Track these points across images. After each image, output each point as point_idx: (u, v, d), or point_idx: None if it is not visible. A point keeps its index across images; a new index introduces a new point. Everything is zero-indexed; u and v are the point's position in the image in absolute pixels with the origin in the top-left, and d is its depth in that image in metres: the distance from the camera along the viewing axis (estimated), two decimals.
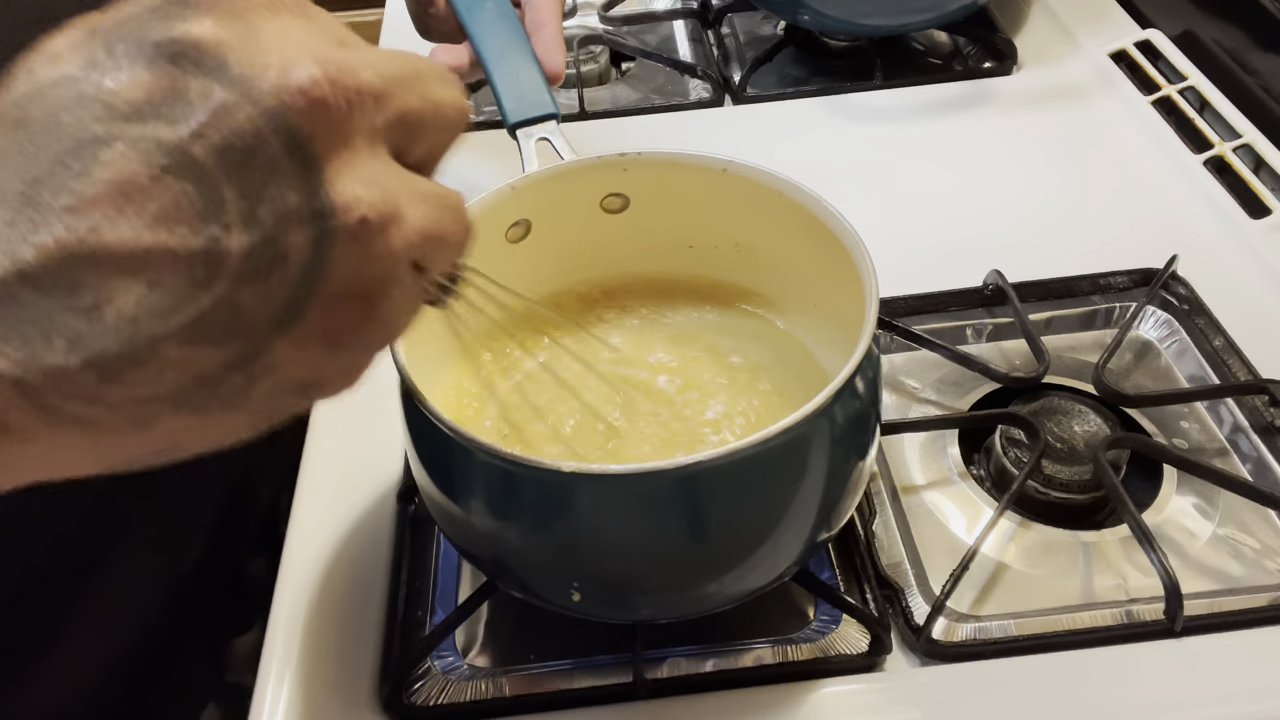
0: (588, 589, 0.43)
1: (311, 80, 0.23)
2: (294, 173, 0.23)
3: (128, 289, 0.22)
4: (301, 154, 0.23)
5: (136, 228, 0.22)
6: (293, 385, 0.26)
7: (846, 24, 0.84)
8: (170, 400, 0.24)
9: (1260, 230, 0.68)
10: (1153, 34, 0.84)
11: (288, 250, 0.24)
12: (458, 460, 0.41)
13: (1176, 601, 0.47)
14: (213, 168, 0.23)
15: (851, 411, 0.41)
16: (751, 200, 0.50)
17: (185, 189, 0.23)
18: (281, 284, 0.24)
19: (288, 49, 0.24)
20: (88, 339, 0.23)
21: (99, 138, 0.22)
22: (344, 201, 0.24)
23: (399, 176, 0.26)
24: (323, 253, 0.24)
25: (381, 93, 0.25)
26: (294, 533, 0.55)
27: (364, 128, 0.25)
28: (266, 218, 0.23)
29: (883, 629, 0.48)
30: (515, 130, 0.55)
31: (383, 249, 0.25)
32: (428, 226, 0.26)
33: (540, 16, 0.59)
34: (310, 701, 0.48)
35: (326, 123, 0.24)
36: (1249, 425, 0.57)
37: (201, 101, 0.23)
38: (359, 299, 0.25)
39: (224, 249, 0.23)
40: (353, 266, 0.25)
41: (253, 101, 0.23)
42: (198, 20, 0.23)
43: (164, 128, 0.23)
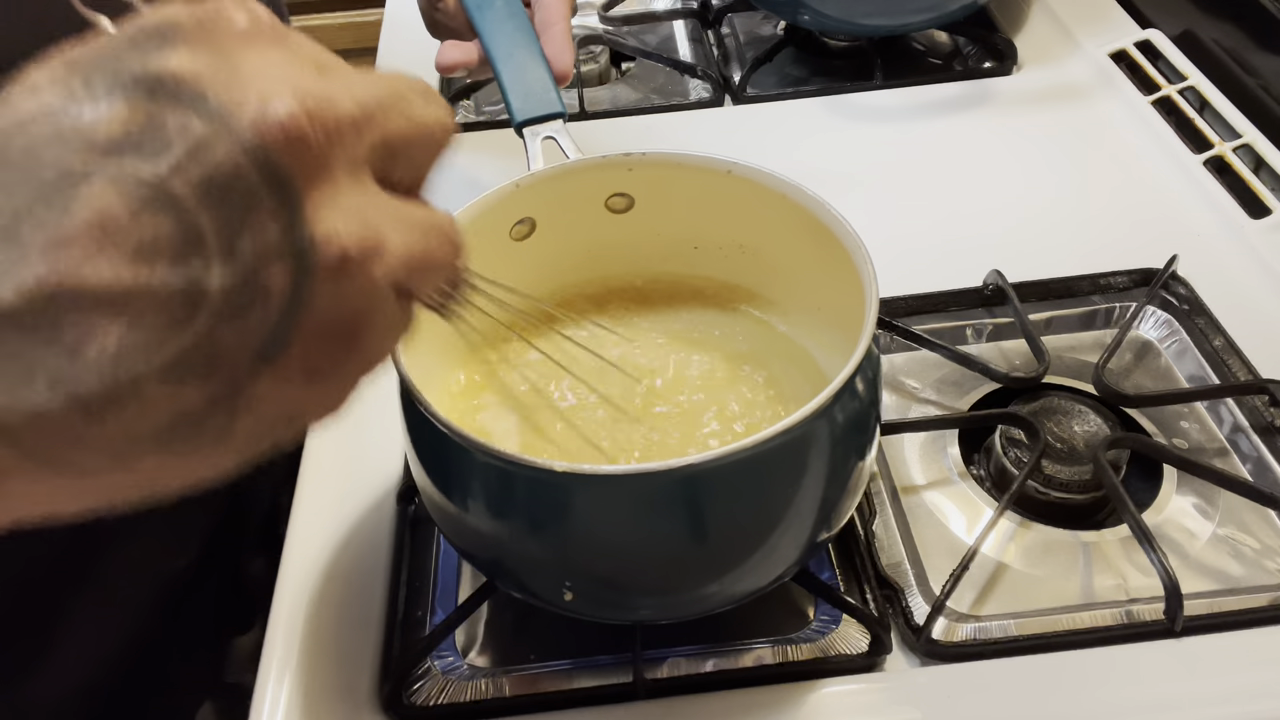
0: (581, 588, 0.43)
1: (290, 114, 0.23)
2: (273, 207, 0.23)
3: (109, 327, 0.22)
4: (281, 188, 0.23)
5: (116, 265, 0.22)
6: (277, 418, 0.26)
7: (846, 24, 0.84)
8: (153, 439, 0.24)
9: (1260, 230, 0.68)
10: (1153, 34, 0.84)
11: (268, 286, 0.23)
12: (455, 459, 0.41)
13: (1176, 601, 0.47)
14: (192, 203, 0.22)
15: (851, 412, 0.41)
16: (755, 202, 0.50)
17: (164, 225, 0.22)
18: (262, 320, 0.23)
19: (266, 81, 0.23)
20: (69, 378, 0.22)
21: (78, 173, 0.22)
22: (324, 236, 0.24)
23: (382, 205, 0.26)
24: (303, 288, 0.24)
25: (362, 121, 0.25)
26: (294, 533, 0.55)
27: (345, 158, 0.25)
28: (246, 253, 0.23)
29: (883, 629, 0.48)
30: (521, 128, 0.55)
31: (364, 281, 0.25)
32: (411, 254, 0.26)
33: (549, 16, 0.59)
34: (310, 701, 0.48)
35: (305, 156, 0.23)
36: (1249, 425, 0.57)
37: (180, 136, 0.22)
38: (341, 331, 0.25)
39: (204, 285, 0.23)
40: (334, 300, 0.24)
41: (231, 135, 0.23)
42: (175, 53, 0.23)
43: (142, 162, 0.22)
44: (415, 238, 0.26)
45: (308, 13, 1.45)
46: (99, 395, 0.22)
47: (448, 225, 0.28)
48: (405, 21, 0.93)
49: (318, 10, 1.46)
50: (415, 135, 0.27)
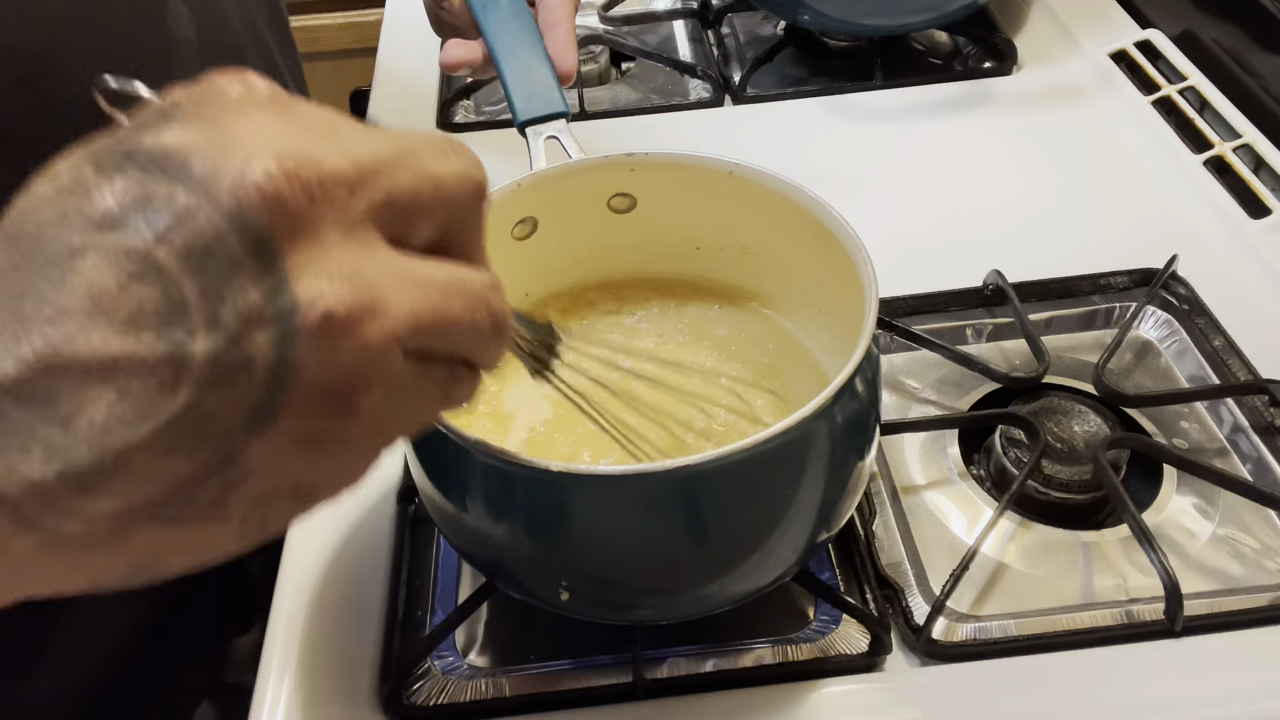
0: (578, 589, 0.43)
1: (266, 175, 0.23)
2: (254, 271, 0.23)
3: (99, 397, 0.22)
4: (261, 251, 0.23)
5: (106, 335, 0.22)
6: (278, 492, 0.25)
7: (846, 24, 0.84)
8: (145, 512, 0.24)
9: (1260, 230, 0.68)
10: (1153, 34, 0.84)
11: (252, 351, 0.23)
12: (453, 459, 0.41)
13: (1176, 601, 0.47)
14: (175, 271, 0.23)
15: (851, 412, 0.41)
16: (757, 202, 0.50)
17: (150, 294, 0.22)
18: (249, 386, 0.23)
19: (252, 146, 0.23)
20: (62, 450, 0.22)
21: (75, 248, 0.23)
22: (307, 297, 0.23)
23: (385, 264, 0.25)
24: (287, 352, 0.23)
25: (355, 179, 0.24)
26: (294, 533, 0.55)
27: (335, 218, 0.24)
28: (229, 319, 0.23)
29: (883, 629, 0.48)
30: (524, 128, 0.55)
31: (355, 344, 0.24)
32: (421, 315, 0.25)
33: (553, 16, 0.59)
34: (310, 701, 0.48)
35: (286, 217, 0.23)
36: (1249, 425, 0.57)
37: (165, 206, 0.23)
38: (334, 398, 0.24)
39: (188, 353, 0.23)
40: (323, 364, 0.24)
41: (212, 202, 0.23)
42: (170, 129, 0.24)
43: (131, 235, 0.23)
44: (426, 296, 0.25)
45: (308, 13, 1.45)
46: (90, 466, 0.23)
47: (478, 285, 0.27)
48: (405, 21, 0.93)
49: (318, 10, 1.46)
50: (430, 192, 0.26)
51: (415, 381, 0.26)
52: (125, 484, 0.23)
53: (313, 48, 1.43)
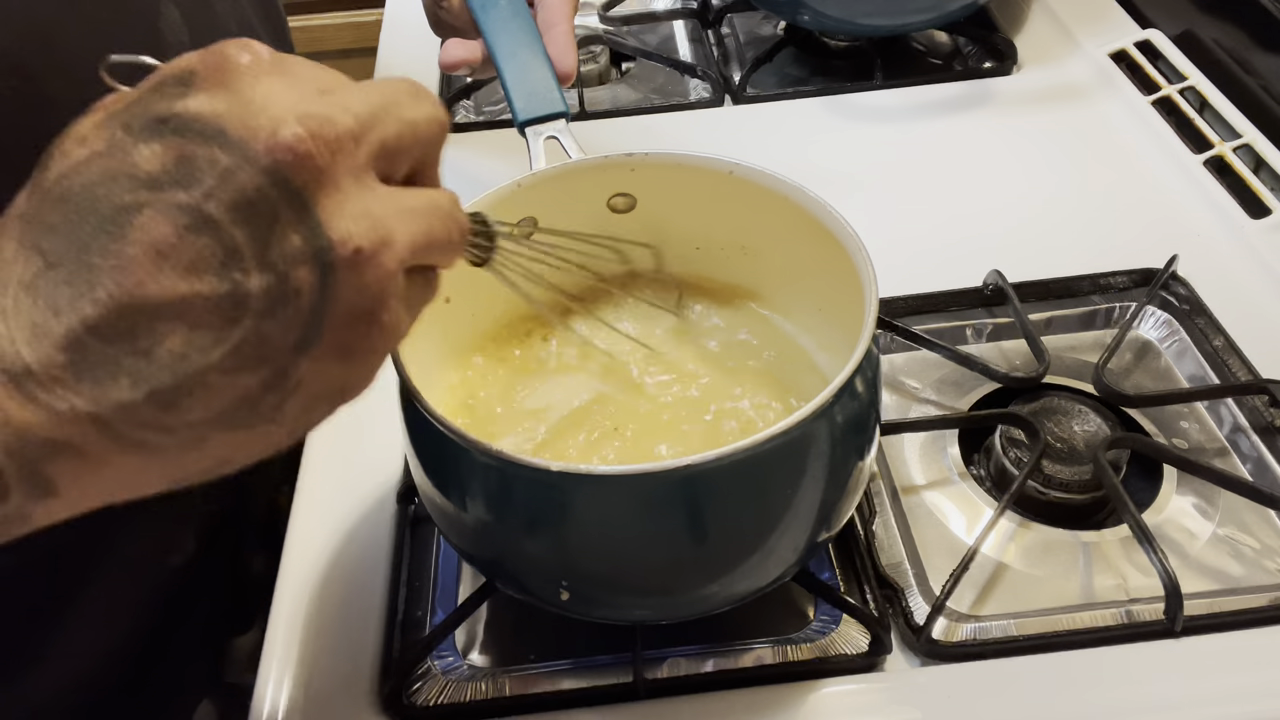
0: (578, 588, 0.43)
1: (296, 137, 0.27)
2: (293, 218, 0.27)
3: (174, 330, 0.26)
4: (297, 201, 0.27)
5: (172, 279, 0.26)
6: (320, 396, 0.30)
7: (846, 24, 0.84)
8: (219, 421, 0.28)
9: (1260, 230, 0.68)
10: (1153, 34, 0.84)
11: (298, 285, 0.27)
12: (453, 459, 0.41)
13: (1176, 601, 0.47)
14: (225, 222, 0.26)
15: (851, 412, 0.41)
16: (757, 202, 0.50)
17: (207, 242, 0.26)
18: (297, 314, 0.28)
19: (274, 109, 0.27)
20: (147, 375, 0.27)
21: (129, 205, 0.26)
22: (339, 237, 0.28)
23: (386, 200, 0.29)
24: (328, 283, 0.28)
25: (359, 132, 0.29)
26: (294, 532, 0.55)
27: (348, 166, 0.28)
28: (277, 260, 0.27)
29: (883, 629, 0.48)
30: (524, 128, 0.55)
31: (378, 270, 0.29)
32: (417, 239, 0.30)
33: (552, 16, 0.59)
34: (310, 701, 0.48)
35: (314, 171, 0.27)
36: (1249, 425, 0.57)
37: (209, 167, 0.26)
38: (364, 316, 0.29)
39: (246, 290, 0.27)
40: (354, 290, 0.28)
41: (251, 161, 0.27)
42: (194, 96, 0.27)
43: (181, 192, 0.26)
44: (419, 223, 0.30)
45: (308, 13, 1.45)
46: (171, 387, 0.27)
47: (448, 204, 0.32)
48: (405, 21, 0.93)
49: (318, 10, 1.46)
50: (409, 135, 0.31)
51: (412, 291, 0.31)
52: (202, 399, 0.27)
53: (313, 48, 1.43)
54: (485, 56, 0.60)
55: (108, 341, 0.26)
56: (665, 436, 0.48)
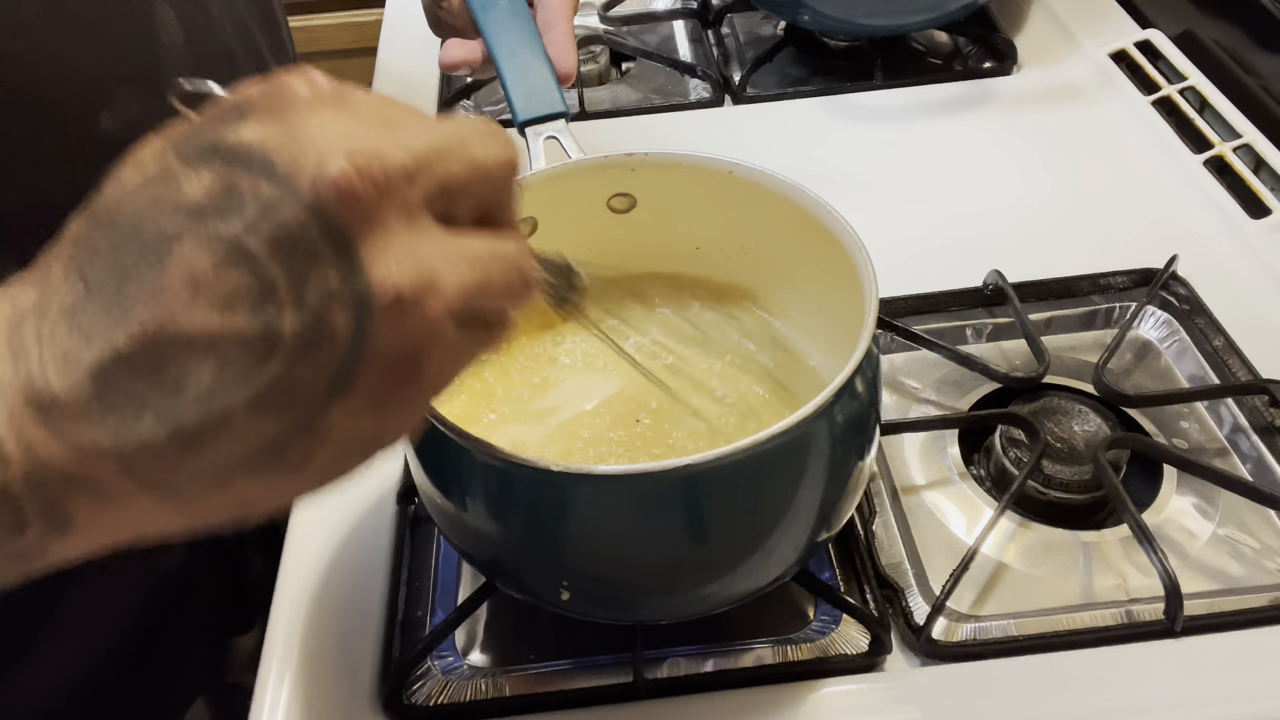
0: (578, 588, 0.43)
1: (341, 172, 0.26)
2: (333, 258, 0.26)
3: (202, 366, 0.25)
4: (339, 240, 0.26)
5: (206, 313, 0.25)
6: (352, 446, 0.29)
7: (846, 24, 0.84)
8: (242, 465, 0.27)
9: (1260, 230, 0.68)
10: (1153, 34, 0.84)
11: (334, 327, 0.26)
12: (453, 458, 0.41)
13: (1176, 601, 0.47)
14: (264, 257, 0.25)
15: (851, 412, 0.41)
16: (757, 202, 0.50)
17: (243, 277, 0.25)
18: (331, 357, 0.26)
19: (324, 143, 0.26)
20: (172, 412, 0.26)
21: (170, 235, 0.25)
22: (379, 280, 0.26)
23: (438, 244, 0.28)
24: (364, 328, 0.26)
25: (414, 170, 0.27)
26: (294, 533, 0.55)
27: (397, 206, 0.27)
28: (313, 299, 0.26)
29: (883, 629, 0.48)
30: (524, 128, 0.55)
31: (420, 318, 0.27)
32: (467, 287, 0.28)
33: (552, 16, 0.59)
34: (310, 701, 0.48)
35: (358, 209, 0.26)
36: (1249, 425, 0.57)
37: (252, 199, 0.25)
38: (403, 364, 0.28)
39: (279, 329, 0.26)
40: (394, 337, 0.27)
41: (294, 196, 0.25)
42: (248, 126, 0.26)
43: (222, 224, 0.25)
44: (471, 270, 0.29)
45: (308, 13, 1.44)
46: (196, 427, 0.26)
47: (512, 252, 0.30)
48: (405, 21, 0.93)
49: (318, 10, 1.46)
50: (475, 177, 0.29)
51: (462, 343, 0.29)
52: (227, 441, 0.26)
53: (313, 48, 1.43)
54: (485, 56, 0.60)
55: (136, 374, 0.26)
56: (666, 436, 0.48)
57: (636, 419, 0.49)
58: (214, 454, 0.26)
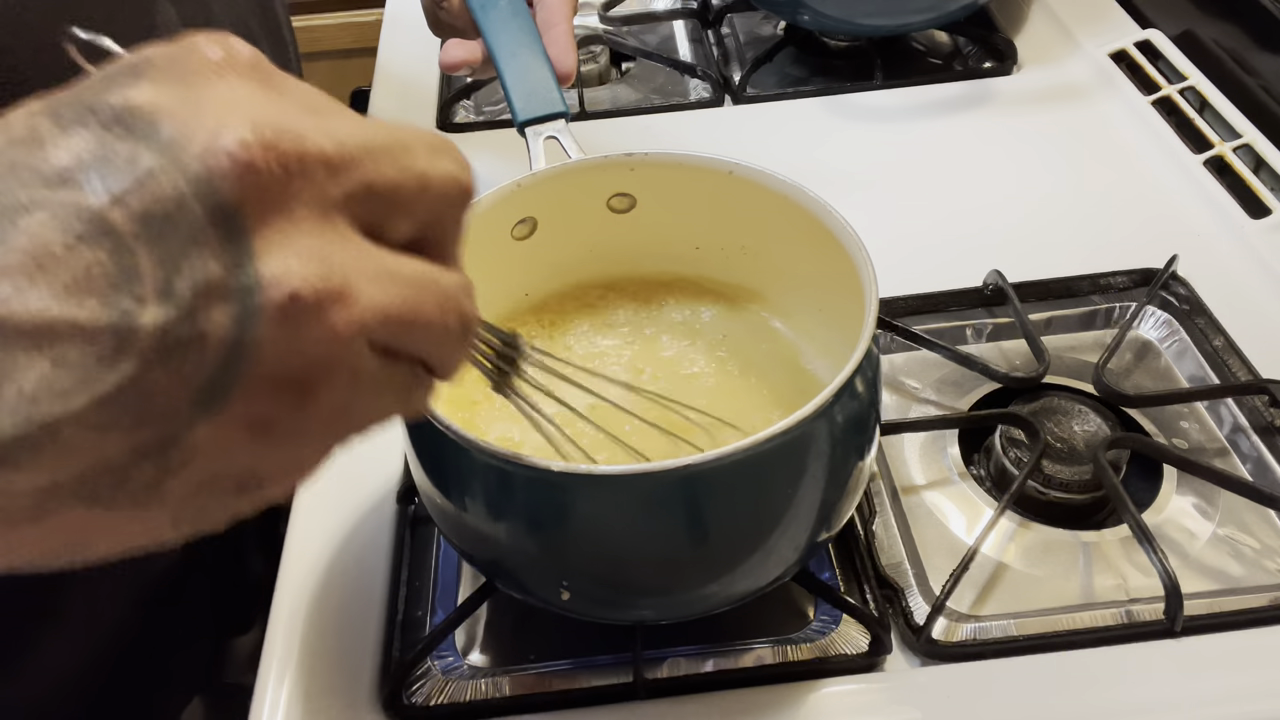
0: (578, 588, 0.43)
1: (241, 143, 0.22)
2: (218, 243, 0.22)
3: (31, 364, 0.21)
4: (227, 222, 0.22)
5: (45, 298, 0.21)
6: (222, 481, 0.24)
7: (846, 24, 0.84)
8: (72, 491, 0.22)
9: (1260, 230, 0.68)
10: (1153, 34, 0.84)
11: (206, 327, 0.21)
12: (453, 458, 0.41)
13: (1176, 601, 0.47)
14: (130, 236, 0.21)
15: (851, 412, 0.41)
16: (757, 202, 0.50)
17: (99, 258, 0.21)
18: (200, 365, 0.22)
19: (227, 113, 0.22)
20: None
21: (22, 205, 0.21)
22: (273, 275, 0.22)
23: (360, 252, 0.24)
24: (247, 331, 0.22)
25: (338, 162, 0.23)
26: (294, 533, 0.55)
27: (310, 198, 0.23)
28: (184, 291, 0.21)
29: (883, 629, 0.48)
30: (524, 128, 0.55)
31: (321, 331, 0.23)
32: (390, 308, 0.24)
33: (552, 16, 0.59)
34: (310, 701, 0.48)
35: (258, 189, 0.22)
36: (1249, 425, 0.57)
37: (127, 167, 0.21)
38: (294, 386, 0.23)
39: (134, 324, 0.21)
40: (284, 348, 0.22)
41: (178, 166, 0.21)
42: (140, 86, 0.22)
43: (86, 194, 0.21)
44: (400, 291, 0.24)
45: (308, 13, 1.44)
46: (13, 438, 0.21)
47: (451, 285, 0.26)
48: (405, 21, 0.93)
49: (318, 10, 1.46)
50: (413, 188, 0.25)
51: (378, 378, 0.25)
52: (52, 459, 0.21)
53: (313, 48, 1.43)
54: (485, 56, 0.60)
55: None
56: (665, 436, 0.48)
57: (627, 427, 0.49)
58: (35, 474, 0.21)
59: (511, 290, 0.54)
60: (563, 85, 0.57)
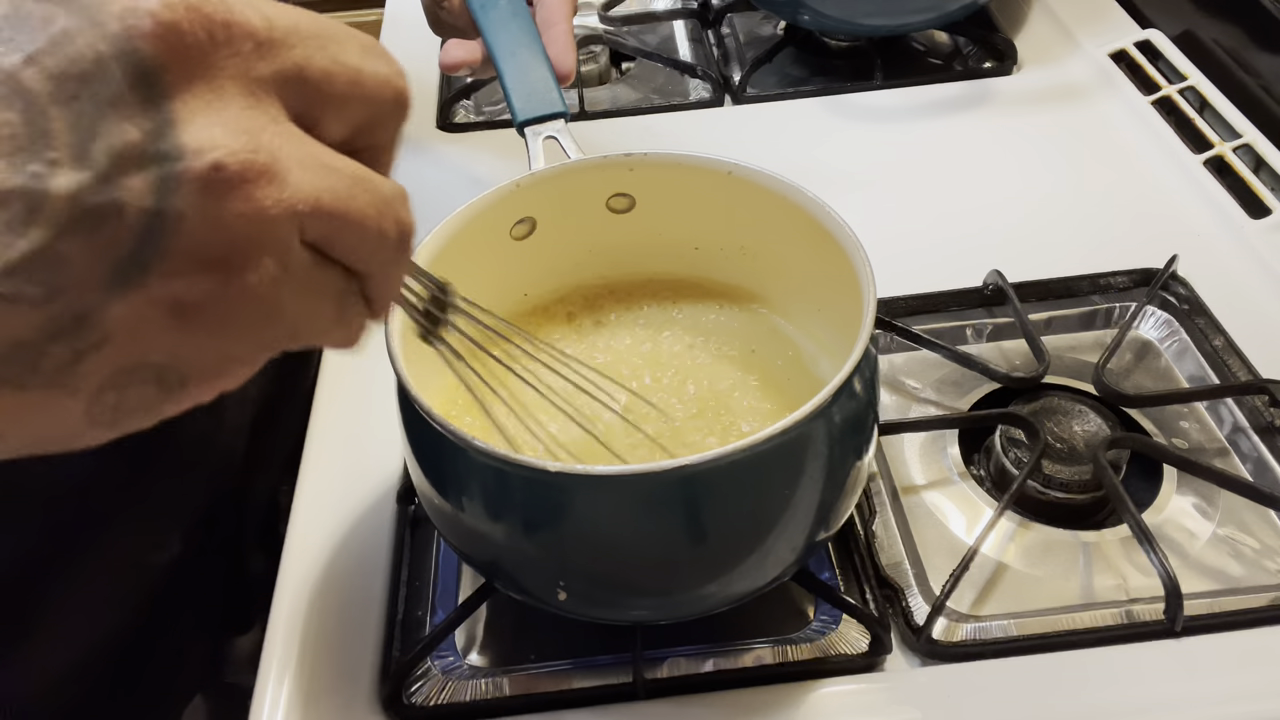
0: (576, 589, 0.43)
1: (164, 3, 0.20)
2: (137, 107, 0.20)
3: None
4: (148, 86, 0.21)
5: None
6: (141, 369, 0.22)
7: (846, 24, 0.84)
8: None
9: (1260, 230, 0.68)
10: (1153, 34, 0.84)
11: (124, 196, 0.20)
12: (450, 458, 0.41)
13: (1176, 601, 0.47)
14: (43, 96, 0.20)
15: (849, 412, 0.41)
16: (756, 203, 0.50)
17: (8, 119, 0.20)
18: (116, 236, 0.20)
19: None
20: None
21: None
22: (197, 144, 0.21)
23: (292, 137, 0.23)
24: (166, 202, 0.21)
25: (266, 38, 0.22)
26: (294, 532, 0.55)
27: (238, 71, 0.22)
28: (99, 156, 0.20)
29: (883, 629, 0.48)
30: (523, 128, 0.55)
31: (248, 207, 0.21)
32: (324, 198, 0.23)
33: (551, 15, 0.59)
34: (310, 701, 0.48)
35: (182, 52, 0.21)
36: (1249, 425, 0.57)
37: (41, 26, 0.20)
38: (218, 265, 0.22)
39: (45, 188, 0.20)
40: (208, 224, 0.21)
41: (96, 25, 0.20)
42: None
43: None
44: (333, 183, 0.23)
45: None
46: None
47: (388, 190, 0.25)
48: (405, 21, 0.93)
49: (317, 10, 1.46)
50: (346, 82, 0.24)
51: (311, 277, 0.23)
52: None
53: None
54: (485, 56, 0.60)
55: None
56: (664, 436, 0.48)
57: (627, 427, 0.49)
58: None
59: (510, 290, 0.54)
60: (562, 85, 0.57)
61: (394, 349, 0.41)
